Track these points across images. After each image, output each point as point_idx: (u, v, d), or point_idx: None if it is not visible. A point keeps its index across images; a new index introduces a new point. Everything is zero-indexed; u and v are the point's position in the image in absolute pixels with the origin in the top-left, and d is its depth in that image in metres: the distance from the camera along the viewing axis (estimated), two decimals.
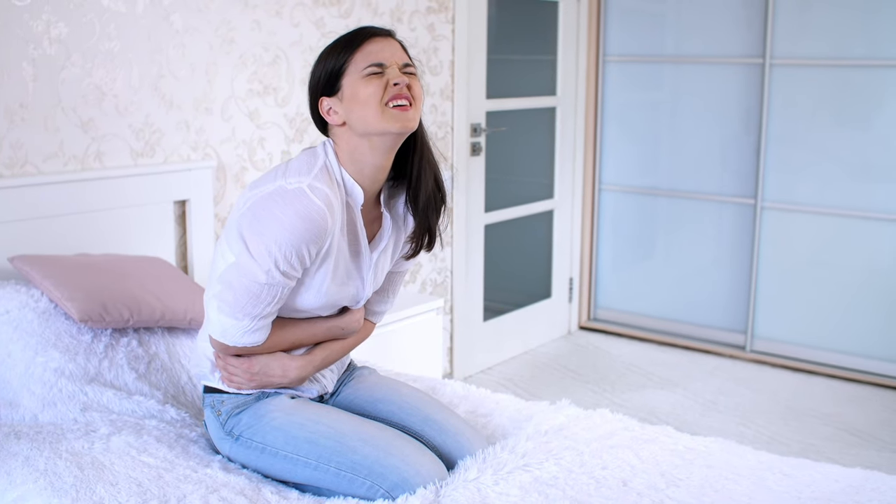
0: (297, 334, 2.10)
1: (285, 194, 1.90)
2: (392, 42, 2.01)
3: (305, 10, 3.48)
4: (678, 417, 3.95)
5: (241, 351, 2.04)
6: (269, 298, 1.94)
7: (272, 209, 1.89)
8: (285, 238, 1.88)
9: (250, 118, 3.35)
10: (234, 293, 1.94)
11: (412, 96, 1.97)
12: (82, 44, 2.83)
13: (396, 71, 1.97)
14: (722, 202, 4.78)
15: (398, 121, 1.95)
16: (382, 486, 1.93)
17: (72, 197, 2.80)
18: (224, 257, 1.97)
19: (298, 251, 1.90)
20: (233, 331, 1.98)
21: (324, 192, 1.91)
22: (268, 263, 1.90)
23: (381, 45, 1.99)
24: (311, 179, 1.92)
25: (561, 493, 1.91)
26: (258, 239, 1.90)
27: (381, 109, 1.95)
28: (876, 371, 4.41)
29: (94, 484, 1.90)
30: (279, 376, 2.07)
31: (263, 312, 1.97)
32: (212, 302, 1.99)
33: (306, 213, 1.88)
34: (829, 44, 4.37)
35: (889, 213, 4.31)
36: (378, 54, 1.97)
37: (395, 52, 2.00)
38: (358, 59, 1.97)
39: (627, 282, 5.17)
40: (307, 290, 2.02)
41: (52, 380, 2.28)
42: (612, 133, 5.09)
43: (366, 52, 1.97)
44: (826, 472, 2.07)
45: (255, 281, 1.92)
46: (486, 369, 4.59)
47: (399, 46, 2.02)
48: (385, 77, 1.96)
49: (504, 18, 4.56)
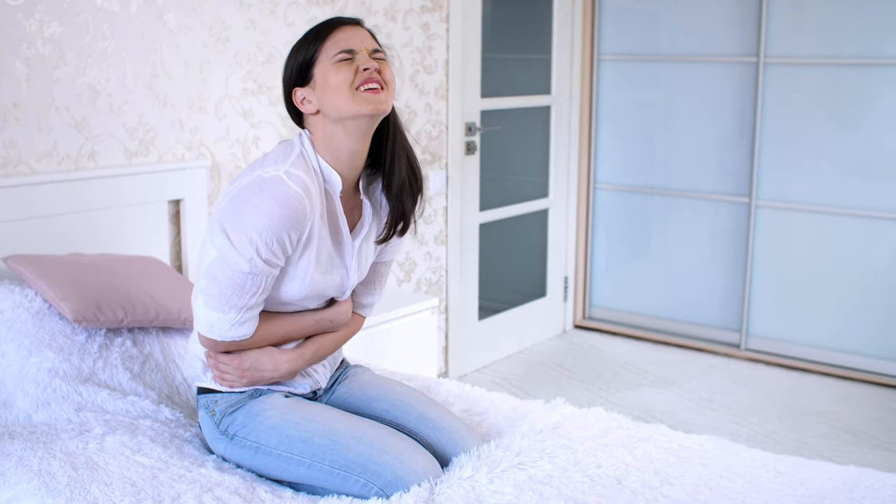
0: (286, 327, 2.11)
1: (263, 183, 1.93)
2: (360, 30, 2.05)
3: (299, 10, 3.48)
4: (673, 416, 3.96)
5: (230, 346, 2.04)
6: (253, 288, 1.96)
7: (251, 198, 1.92)
8: (265, 225, 1.91)
9: (244, 117, 3.35)
10: (218, 286, 1.96)
11: (383, 80, 2.01)
12: (76, 43, 2.82)
13: (366, 56, 2.01)
14: (716, 201, 4.78)
15: (370, 103, 1.99)
16: (376, 484, 1.93)
17: (66, 196, 2.80)
18: (207, 254, 1.99)
19: (279, 238, 1.92)
20: (220, 324, 1.99)
21: (300, 178, 1.95)
22: (250, 252, 1.92)
23: (349, 32, 2.03)
24: (288, 167, 1.96)
25: (555, 491, 1.91)
26: (239, 229, 1.92)
27: (352, 94, 1.98)
28: (871, 369, 4.42)
29: (89, 484, 1.89)
30: (270, 370, 2.08)
31: (249, 303, 1.98)
32: (198, 298, 2.01)
33: (284, 199, 1.91)
34: (824, 42, 4.38)
35: (883, 211, 4.32)
36: (347, 41, 2.01)
37: (364, 38, 2.04)
38: (328, 47, 2.01)
39: (622, 280, 5.18)
40: (291, 279, 2.03)
41: (47, 380, 2.28)
42: (606, 132, 5.09)
43: (335, 40, 2.01)
44: (820, 470, 2.07)
45: (239, 271, 1.93)
46: (481, 368, 4.59)
47: (368, 34, 2.06)
48: (355, 63, 2.00)
49: (498, 17, 4.56)
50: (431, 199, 4.25)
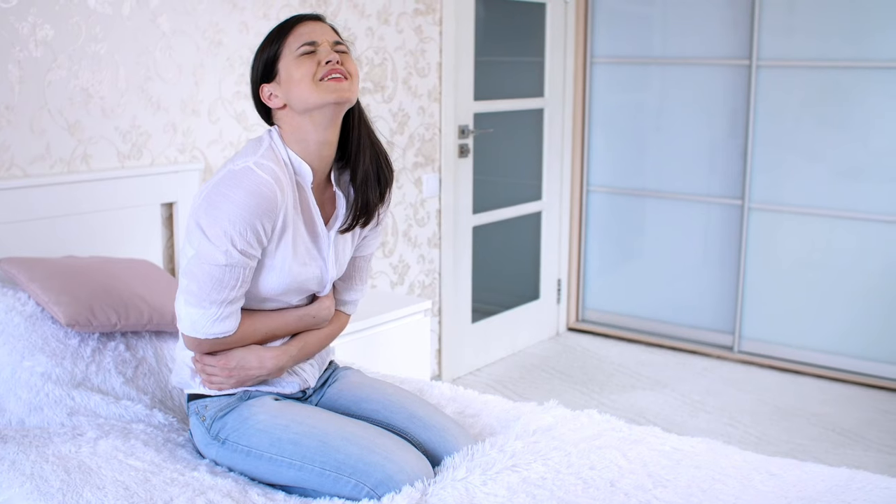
0: (269, 324, 2.12)
1: (234, 175, 1.97)
2: (322, 24, 2.11)
3: (292, 13, 3.48)
4: (666, 418, 3.96)
5: (214, 345, 2.05)
6: (232, 282, 1.98)
7: (223, 191, 1.96)
8: (238, 215, 1.94)
9: (237, 120, 3.35)
10: (198, 283, 1.98)
11: (347, 71, 2.06)
12: (68, 46, 2.82)
13: (328, 48, 2.06)
14: (709, 203, 4.79)
15: (333, 91, 2.03)
16: (367, 484, 1.94)
17: (58, 199, 2.79)
18: (185, 254, 2.02)
19: (253, 227, 1.95)
20: (201, 321, 2.00)
21: (270, 168, 1.99)
22: (225, 244, 1.95)
23: (311, 27, 2.08)
24: (257, 158, 2.00)
25: (549, 493, 1.92)
26: (213, 222, 1.95)
27: (316, 84, 2.03)
28: (863, 371, 4.43)
29: (81, 488, 1.89)
30: (257, 368, 2.09)
31: (229, 297, 1.99)
32: (179, 298, 2.03)
33: (255, 188, 1.95)
34: (815, 45, 4.39)
35: (875, 213, 4.33)
36: (309, 34, 2.07)
37: (325, 32, 2.09)
38: (290, 42, 2.06)
39: (615, 283, 5.18)
40: (270, 271, 2.05)
41: (39, 384, 2.27)
42: (599, 134, 5.10)
43: (297, 35, 2.07)
44: (812, 472, 2.07)
45: (216, 264, 1.96)
46: (474, 371, 4.60)
47: (329, 28, 2.12)
48: (317, 56, 2.05)
49: (491, 20, 4.57)
50: (425, 202, 4.25)
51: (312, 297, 2.21)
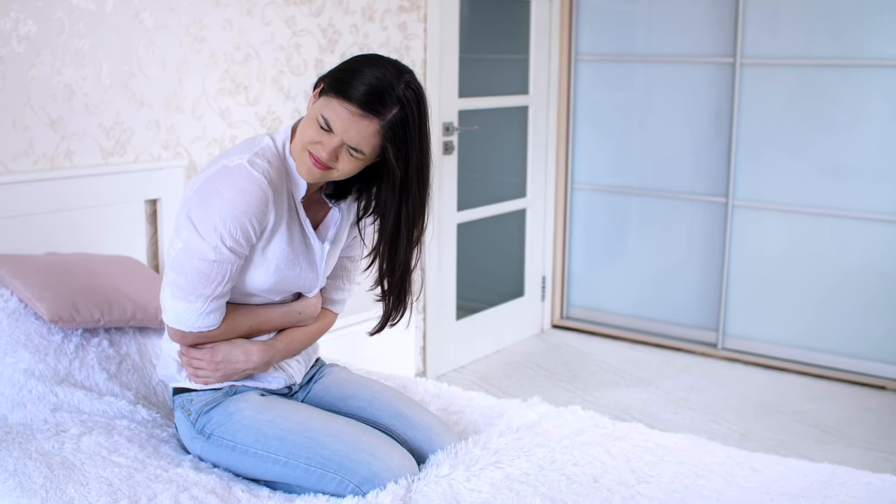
0: (254, 318, 2.12)
1: (228, 172, 1.96)
2: (365, 123, 1.91)
3: (276, 9, 3.47)
4: (650, 415, 3.98)
5: (199, 338, 2.05)
6: (219, 277, 1.98)
7: (216, 186, 1.95)
8: (229, 213, 1.93)
9: (221, 117, 3.34)
10: (185, 276, 1.98)
11: (336, 168, 1.97)
12: (51, 42, 2.80)
13: (333, 147, 1.94)
14: (693, 201, 4.81)
15: (308, 170, 1.98)
16: (352, 481, 1.94)
17: (41, 196, 2.78)
18: (174, 246, 2.02)
19: (243, 226, 1.95)
20: (187, 314, 2.00)
21: (264, 167, 1.97)
22: (215, 240, 1.94)
23: (351, 117, 1.91)
24: (252, 156, 1.98)
25: (532, 489, 1.92)
26: (204, 217, 1.94)
27: (303, 148, 1.98)
28: (846, 368, 4.46)
29: (65, 484, 1.89)
30: (243, 361, 2.09)
31: (215, 293, 1.99)
32: (165, 290, 2.03)
33: (247, 186, 1.94)
34: (800, 43, 4.41)
35: (859, 211, 4.36)
36: (335, 122, 1.91)
37: (359, 132, 1.91)
38: (325, 104, 1.93)
39: (600, 280, 5.19)
40: (257, 267, 2.05)
41: (22, 380, 2.26)
42: (584, 132, 5.11)
43: (334, 108, 1.92)
44: (795, 468, 2.09)
45: (205, 259, 1.96)
46: (458, 368, 4.60)
47: (373, 130, 1.92)
48: (324, 138, 1.93)
49: (476, 17, 4.57)
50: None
51: (298, 294, 2.21)
